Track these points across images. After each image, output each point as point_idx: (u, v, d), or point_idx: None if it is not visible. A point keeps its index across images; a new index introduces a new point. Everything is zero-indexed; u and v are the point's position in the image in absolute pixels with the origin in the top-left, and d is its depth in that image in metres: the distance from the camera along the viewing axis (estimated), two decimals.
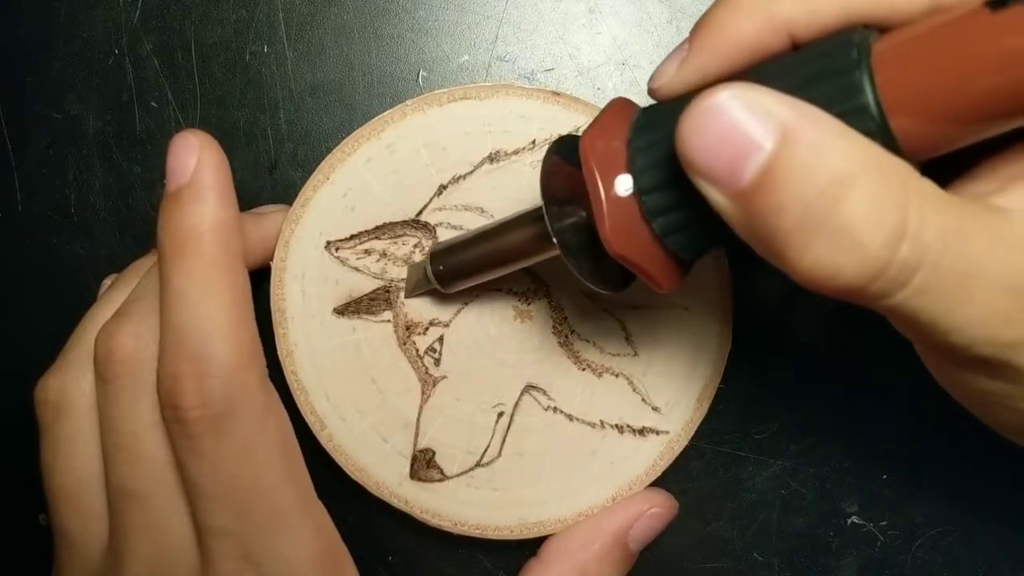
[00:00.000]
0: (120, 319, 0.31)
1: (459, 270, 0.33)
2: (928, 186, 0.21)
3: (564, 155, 0.29)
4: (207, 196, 0.29)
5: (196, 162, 0.30)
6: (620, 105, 0.27)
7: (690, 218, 0.25)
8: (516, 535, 0.36)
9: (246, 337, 0.30)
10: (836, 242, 0.20)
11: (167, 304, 0.29)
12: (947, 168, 0.24)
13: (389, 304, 0.36)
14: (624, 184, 0.25)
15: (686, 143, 0.22)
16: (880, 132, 0.22)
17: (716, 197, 0.22)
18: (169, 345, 0.29)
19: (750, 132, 0.21)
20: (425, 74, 0.38)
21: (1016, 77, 0.20)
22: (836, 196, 0.20)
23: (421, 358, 0.36)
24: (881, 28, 0.23)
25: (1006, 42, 0.20)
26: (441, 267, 0.34)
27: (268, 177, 0.38)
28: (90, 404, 0.32)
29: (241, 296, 0.30)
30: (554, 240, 0.28)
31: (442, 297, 0.36)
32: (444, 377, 0.36)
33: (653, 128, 0.26)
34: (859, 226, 0.20)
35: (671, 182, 0.24)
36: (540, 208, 0.30)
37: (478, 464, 0.36)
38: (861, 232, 0.20)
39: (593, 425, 0.36)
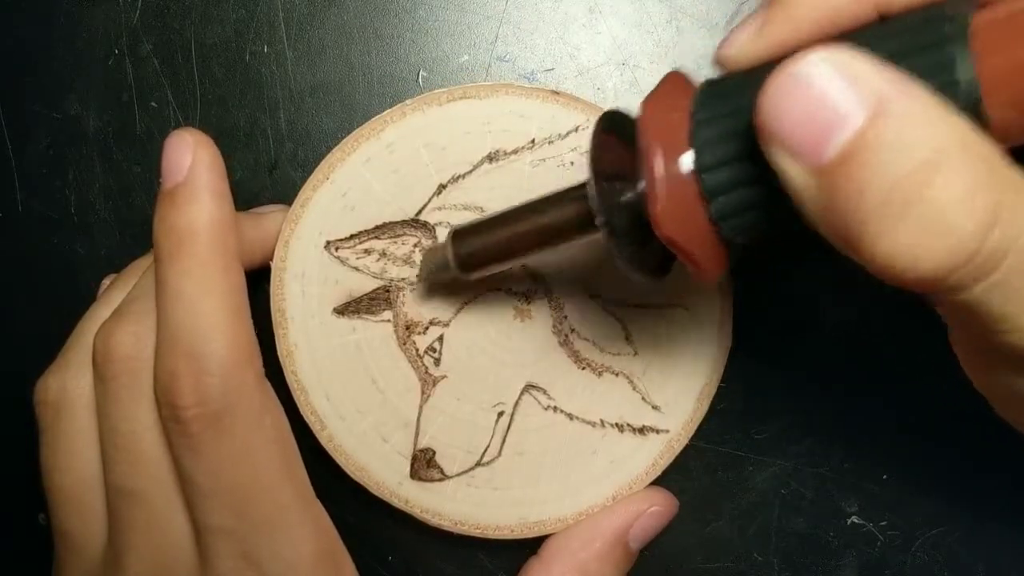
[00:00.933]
0: (119, 318, 0.31)
1: (485, 254, 0.31)
2: (1017, 173, 0.20)
3: (614, 131, 0.27)
4: (202, 195, 0.30)
5: (191, 161, 0.30)
6: (678, 78, 0.26)
7: (751, 200, 0.23)
8: (516, 534, 0.36)
9: (243, 335, 0.30)
10: (922, 227, 0.19)
11: (163, 303, 0.29)
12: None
13: (389, 304, 0.36)
14: (684, 159, 0.24)
15: (768, 110, 0.20)
16: (971, 112, 0.20)
17: (793, 172, 0.20)
18: (166, 343, 0.29)
19: (842, 100, 0.19)
20: (425, 74, 0.38)
21: None
22: (927, 176, 0.19)
23: (421, 358, 0.36)
24: (982, 3, 0.21)
25: None
26: (464, 250, 0.32)
27: (268, 177, 0.38)
28: (90, 404, 0.32)
29: (237, 294, 0.30)
30: (600, 219, 0.26)
31: (443, 296, 0.36)
32: (444, 377, 0.36)
33: (720, 100, 0.24)
34: (951, 209, 0.19)
35: (736, 159, 0.23)
36: (581, 186, 0.28)
37: (478, 464, 0.36)
38: (953, 216, 0.19)
39: (593, 424, 0.36)
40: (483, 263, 0.32)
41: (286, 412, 0.35)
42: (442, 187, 0.35)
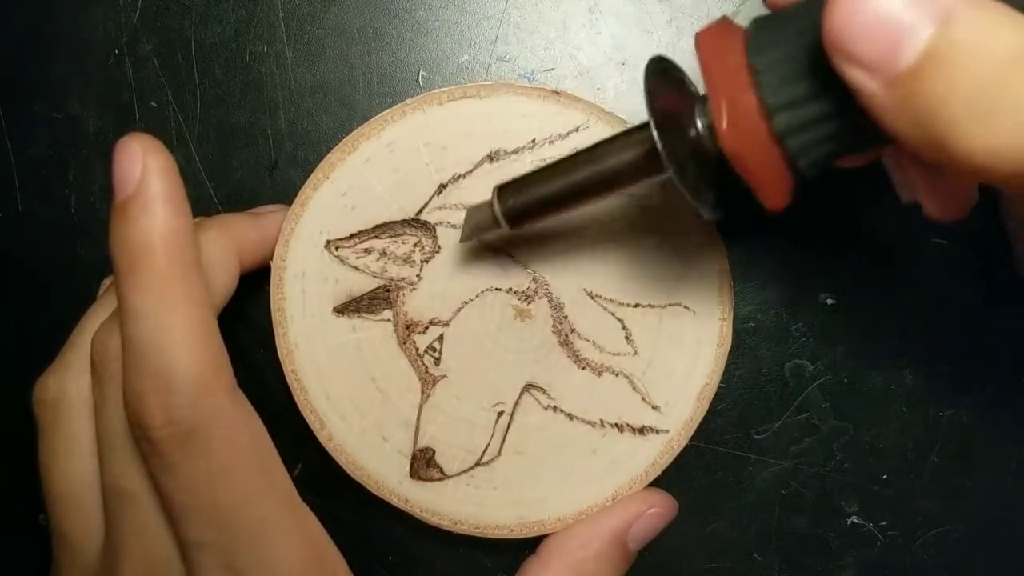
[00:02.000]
0: (117, 319, 0.31)
1: (536, 203, 0.31)
2: None
3: (664, 76, 0.27)
4: (155, 205, 0.28)
5: (141, 169, 0.28)
6: (727, 18, 0.26)
7: (814, 116, 0.24)
8: (516, 534, 0.36)
9: (209, 349, 0.28)
10: (1015, 121, 0.19)
11: (125, 322, 0.28)
12: None
13: (389, 303, 0.36)
14: (745, 80, 0.24)
15: (835, 26, 0.21)
16: None
17: (867, 85, 0.21)
18: (131, 363, 0.28)
19: (908, 12, 0.20)
20: (425, 74, 0.38)
21: None
22: (1009, 76, 0.19)
23: (421, 357, 0.36)
24: None
25: None
26: (511, 202, 0.31)
27: (268, 177, 0.38)
28: (88, 404, 0.32)
29: (201, 307, 0.29)
30: (662, 154, 0.26)
31: (442, 296, 0.36)
32: (444, 376, 0.36)
33: (774, 28, 0.24)
34: None
35: (795, 79, 0.24)
36: (638, 129, 0.29)
37: (478, 463, 0.36)
38: None
39: (593, 424, 0.36)
40: (533, 214, 0.31)
41: (286, 411, 0.35)
42: (442, 187, 0.35)
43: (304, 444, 0.36)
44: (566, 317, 0.36)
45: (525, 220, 0.31)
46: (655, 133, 0.26)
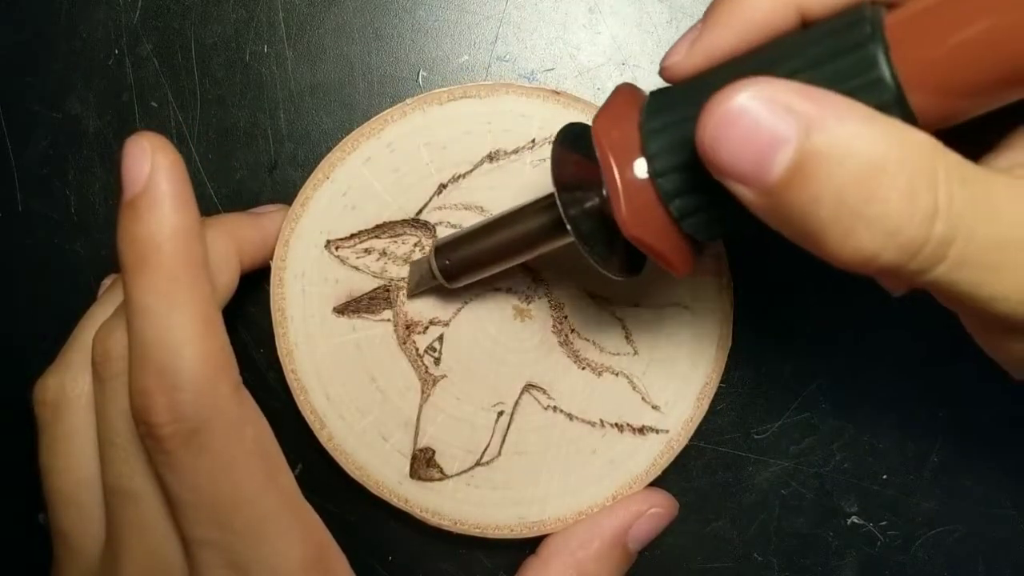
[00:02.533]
0: (118, 319, 0.31)
1: (466, 264, 0.33)
2: (953, 158, 0.21)
3: (572, 143, 0.28)
4: (163, 203, 0.28)
5: (150, 167, 0.28)
6: (627, 90, 0.27)
7: (707, 200, 0.25)
8: (516, 534, 0.36)
9: (214, 347, 0.29)
10: (874, 228, 0.21)
11: (131, 319, 0.28)
12: (977, 143, 0.24)
13: (389, 303, 0.36)
14: (639, 166, 0.25)
15: (708, 146, 0.22)
16: (897, 104, 0.22)
17: (745, 194, 0.22)
18: (137, 360, 0.28)
19: (773, 129, 0.21)
20: (425, 74, 0.38)
21: None
22: (870, 183, 0.20)
23: (421, 357, 0.36)
24: (890, 4, 0.23)
25: (1017, 9, 0.20)
26: (447, 261, 0.33)
27: (268, 177, 0.38)
28: (88, 404, 0.32)
29: (206, 305, 0.29)
30: (568, 227, 0.27)
31: (442, 296, 0.36)
32: (444, 376, 0.36)
33: (666, 110, 0.25)
34: (895, 210, 0.20)
35: (687, 164, 0.24)
36: (550, 196, 0.30)
37: (478, 463, 0.36)
38: (898, 216, 0.20)
39: (593, 424, 0.36)
40: (465, 272, 0.33)
41: (286, 411, 0.35)
42: (442, 186, 0.35)
43: (304, 444, 0.36)
44: (566, 317, 0.36)
45: (460, 276, 0.34)
46: (558, 202, 0.27)
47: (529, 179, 0.35)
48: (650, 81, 0.37)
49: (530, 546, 0.36)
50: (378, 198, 0.35)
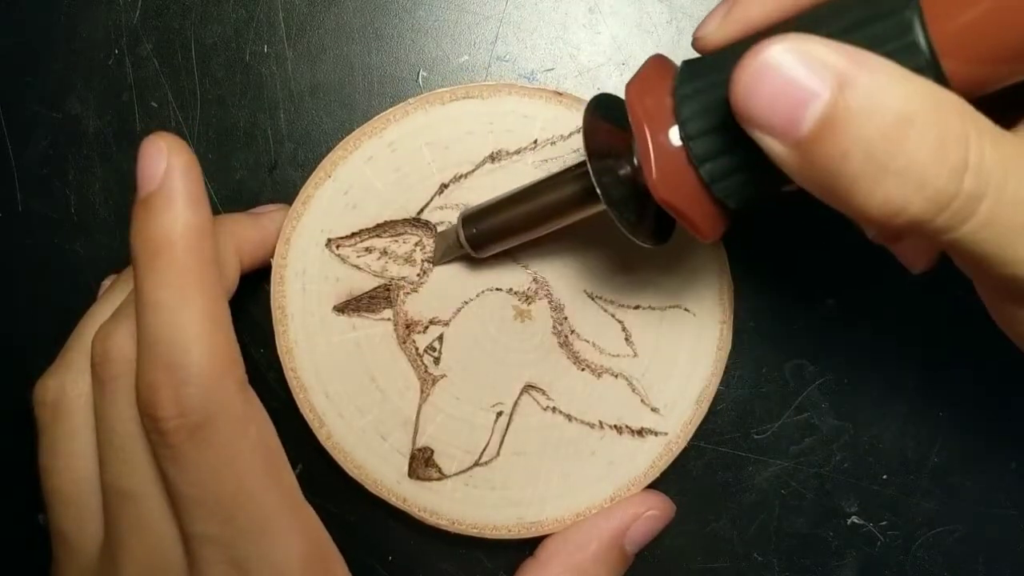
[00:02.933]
0: (118, 320, 0.31)
1: (494, 233, 0.33)
2: (984, 121, 0.21)
3: (603, 113, 0.29)
4: (177, 202, 0.29)
5: (165, 167, 0.29)
6: (659, 59, 0.27)
7: (739, 163, 0.25)
8: (514, 535, 0.36)
9: (222, 344, 0.29)
10: (902, 181, 0.21)
11: (141, 314, 0.29)
12: (1005, 114, 0.24)
13: (389, 302, 0.36)
14: (672, 131, 0.25)
15: (741, 98, 0.22)
16: (931, 69, 0.22)
17: (775, 147, 0.22)
18: (145, 355, 0.29)
19: (806, 83, 0.21)
20: (425, 74, 0.38)
21: None
22: (898, 136, 0.21)
23: (420, 356, 0.36)
24: None
25: None
26: (475, 230, 0.33)
27: (268, 177, 0.38)
28: (88, 405, 0.32)
29: (216, 302, 0.29)
30: (599, 192, 0.28)
31: (442, 296, 0.36)
32: (443, 376, 0.36)
33: (700, 76, 0.26)
34: (924, 163, 0.21)
35: (719, 128, 0.25)
36: (580, 165, 0.30)
37: (476, 463, 0.36)
38: (926, 169, 0.21)
39: (592, 425, 0.36)
40: (493, 240, 0.33)
41: (286, 410, 0.35)
42: (444, 186, 0.35)
43: (304, 444, 0.36)
44: (566, 318, 0.36)
45: (487, 245, 0.34)
46: (590, 170, 0.28)
47: (531, 179, 0.35)
48: None
49: (528, 546, 0.36)
50: (379, 197, 0.35)
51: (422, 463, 0.36)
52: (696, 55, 0.27)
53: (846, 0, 0.24)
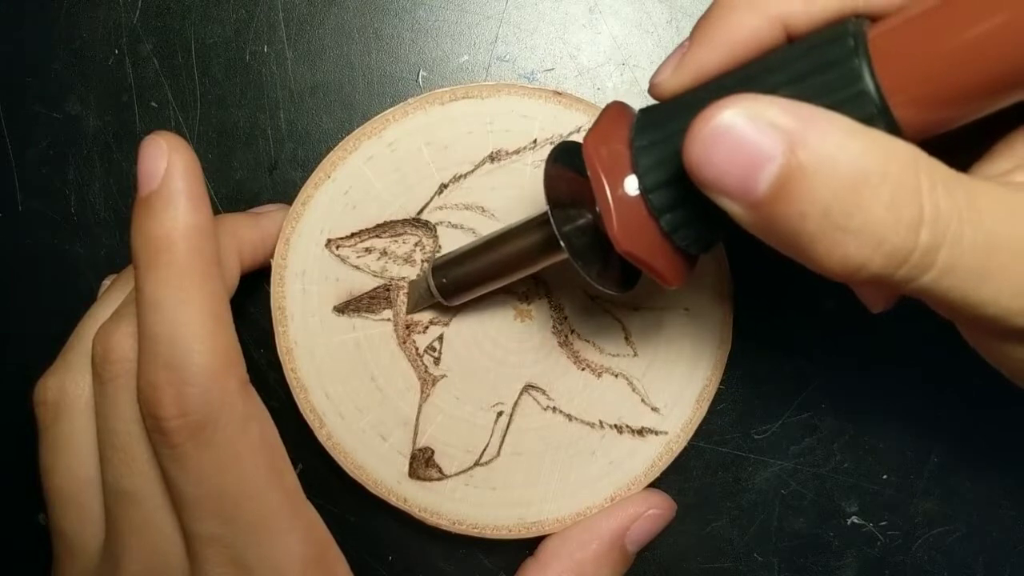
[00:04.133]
0: (118, 320, 0.31)
1: (463, 282, 0.34)
2: (937, 166, 0.21)
3: (565, 161, 0.29)
4: (178, 201, 0.29)
5: (166, 166, 0.29)
6: (617, 108, 0.27)
7: (697, 213, 0.25)
8: (514, 534, 0.36)
9: (224, 343, 0.29)
10: (860, 239, 0.21)
11: (143, 313, 0.29)
12: (964, 152, 0.24)
13: (389, 302, 0.36)
14: (630, 183, 0.26)
15: (695, 163, 0.22)
16: (882, 116, 0.22)
17: (733, 208, 0.22)
18: (146, 354, 0.29)
19: (758, 146, 0.21)
20: (425, 74, 0.38)
21: (1010, 51, 0.20)
22: (852, 195, 0.21)
23: (421, 357, 0.36)
24: (873, 18, 0.24)
25: (997, 17, 0.20)
26: (444, 280, 0.34)
27: (268, 177, 0.38)
28: (89, 405, 0.32)
29: (217, 302, 0.29)
30: (561, 244, 0.28)
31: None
32: (444, 376, 0.36)
33: (655, 127, 0.26)
34: (879, 221, 0.21)
35: (676, 179, 0.25)
36: (543, 214, 0.31)
37: (477, 463, 0.36)
38: (882, 227, 0.21)
39: (592, 425, 0.36)
40: (463, 289, 0.34)
41: (286, 410, 0.35)
42: (444, 186, 0.35)
43: (304, 444, 0.36)
44: (566, 318, 0.36)
45: (457, 294, 0.34)
46: (551, 220, 0.28)
47: (530, 179, 0.35)
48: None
49: (529, 546, 0.36)
50: (379, 197, 0.35)
51: (422, 463, 0.36)
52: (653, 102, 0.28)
53: (795, 49, 0.24)
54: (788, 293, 0.38)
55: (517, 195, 0.35)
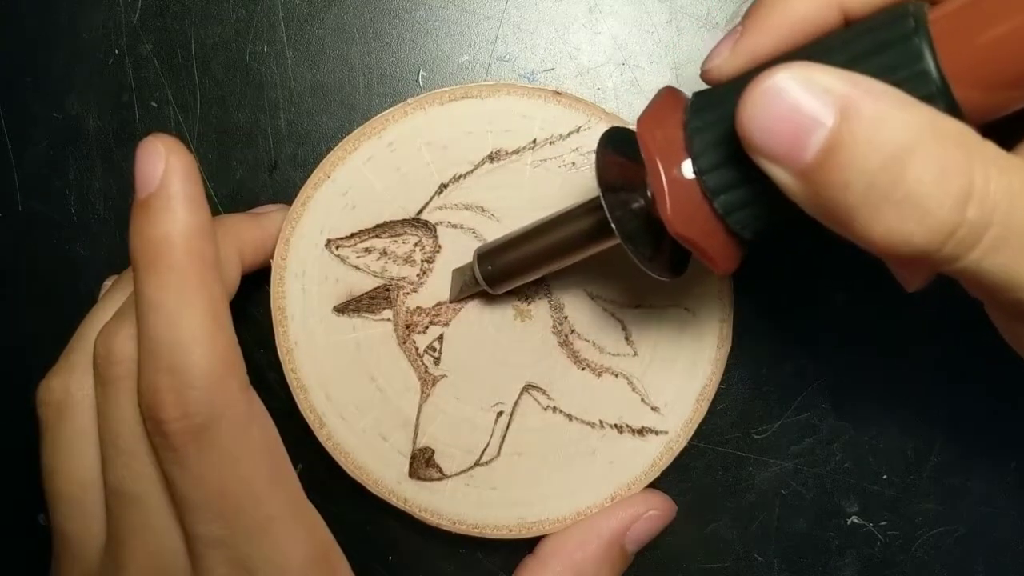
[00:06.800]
0: (120, 321, 0.31)
1: (509, 269, 0.33)
2: (990, 147, 0.21)
3: (616, 147, 0.29)
4: (176, 204, 0.29)
5: (164, 168, 0.29)
6: (670, 92, 0.27)
7: (752, 195, 0.25)
8: (515, 534, 0.36)
9: (224, 345, 0.29)
10: (904, 211, 0.21)
11: (142, 316, 0.29)
12: (1013, 133, 0.24)
13: (389, 303, 0.36)
14: (684, 165, 0.25)
15: (746, 125, 0.22)
16: (942, 97, 0.22)
17: (780, 176, 0.22)
18: (147, 357, 0.29)
19: (810, 110, 0.21)
20: (425, 74, 0.38)
21: None
22: (900, 166, 0.21)
23: (421, 357, 0.36)
24: (932, 1, 0.23)
25: None
26: (490, 267, 0.33)
27: (268, 177, 0.38)
28: (92, 406, 0.32)
29: (217, 304, 0.29)
30: (614, 227, 0.28)
31: (442, 296, 0.36)
32: (444, 376, 0.36)
33: (709, 109, 0.26)
34: (926, 193, 0.21)
35: (731, 160, 0.25)
36: (592, 200, 0.31)
37: (477, 463, 0.36)
38: (929, 199, 0.21)
39: (592, 425, 0.36)
40: (509, 277, 0.34)
41: (286, 410, 0.35)
42: (443, 186, 0.35)
43: (304, 444, 0.36)
44: (566, 318, 0.36)
45: (503, 282, 0.34)
46: (603, 204, 0.28)
47: (530, 179, 0.35)
48: (650, 81, 0.37)
49: (529, 546, 0.36)
50: (379, 198, 0.35)
51: (423, 463, 0.36)
52: (705, 86, 0.27)
53: (854, 31, 0.24)
54: (788, 293, 0.38)
55: (517, 195, 0.35)
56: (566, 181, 0.35)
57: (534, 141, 0.35)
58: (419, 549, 0.38)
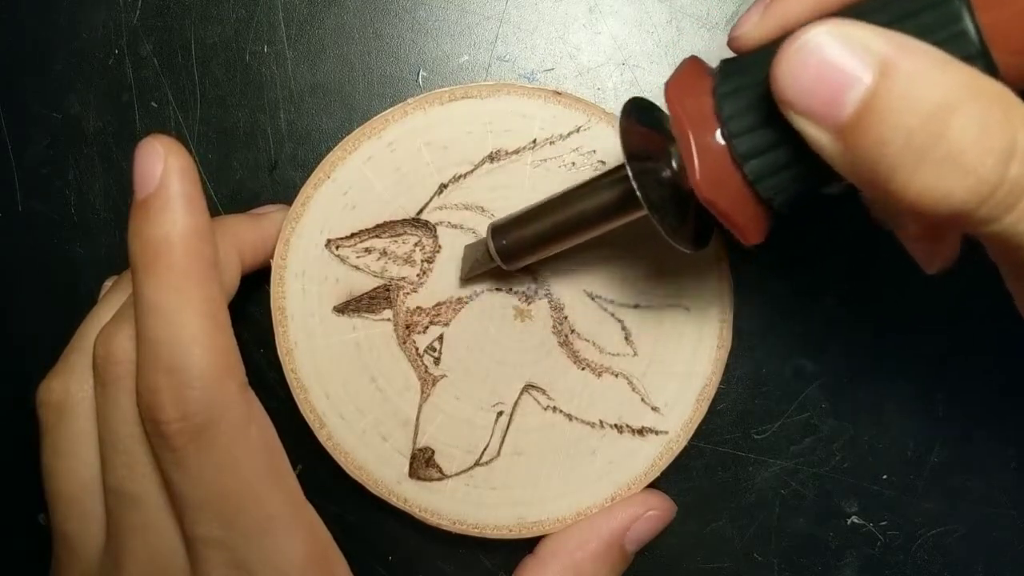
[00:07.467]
0: (119, 321, 0.31)
1: (526, 243, 0.32)
2: None
3: (638, 117, 0.28)
4: (175, 204, 0.29)
5: (162, 169, 0.29)
6: (695, 61, 0.27)
7: (783, 159, 0.25)
8: (515, 534, 0.36)
9: (223, 346, 0.29)
10: (944, 169, 0.20)
11: (141, 317, 0.29)
12: None
13: (389, 303, 0.36)
14: (714, 130, 0.25)
15: (782, 82, 0.22)
16: (980, 58, 0.22)
17: (815, 134, 0.22)
18: (146, 358, 0.29)
19: (848, 66, 0.21)
20: (425, 74, 0.38)
21: None
22: (940, 124, 0.20)
23: (421, 357, 0.36)
24: None
25: None
26: (504, 241, 0.33)
27: (268, 177, 0.38)
28: (91, 407, 0.32)
29: (216, 304, 0.29)
30: (639, 195, 0.27)
31: (442, 296, 0.36)
32: (444, 376, 0.36)
33: (739, 74, 0.25)
34: (967, 150, 0.20)
35: (762, 125, 0.24)
36: (615, 169, 0.30)
37: (477, 463, 0.36)
38: (969, 156, 0.20)
39: (592, 425, 0.36)
40: (525, 252, 0.33)
41: (286, 410, 0.35)
42: (443, 186, 0.35)
43: (304, 444, 0.36)
44: (566, 318, 0.36)
45: (518, 257, 0.33)
46: (630, 174, 0.27)
47: (530, 179, 0.35)
48: (650, 81, 0.37)
49: (529, 546, 0.36)
50: (379, 198, 0.35)
51: (423, 463, 0.36)
52: (731, 55, 0.27)
53: None
54: (788, 293, 0.38)
55: (517, 195, 0.35)
56: (566, 181, 0.35)
57: (534, 141, 0.35)
58: (419, 549, 0.38)
